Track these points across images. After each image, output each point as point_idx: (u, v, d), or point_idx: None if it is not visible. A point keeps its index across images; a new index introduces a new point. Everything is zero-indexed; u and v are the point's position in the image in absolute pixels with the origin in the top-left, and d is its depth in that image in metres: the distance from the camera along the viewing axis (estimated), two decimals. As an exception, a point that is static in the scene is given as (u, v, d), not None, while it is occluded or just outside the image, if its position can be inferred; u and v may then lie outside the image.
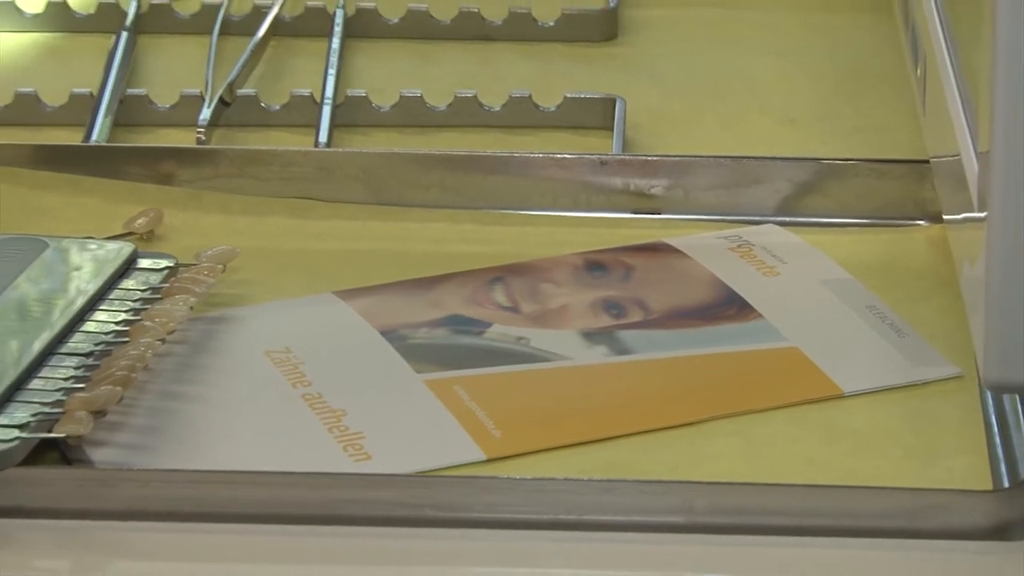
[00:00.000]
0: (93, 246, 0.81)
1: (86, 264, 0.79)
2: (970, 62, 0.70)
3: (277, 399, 0.75)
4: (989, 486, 0.69)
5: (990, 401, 0.75)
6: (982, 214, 0.63)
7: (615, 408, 0.75)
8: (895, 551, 0.66)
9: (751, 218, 0.85)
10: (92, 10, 0.97)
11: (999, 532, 0.65)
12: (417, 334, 0.78)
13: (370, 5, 0.98)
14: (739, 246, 0.83)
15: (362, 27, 0.97)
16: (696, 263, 0.82)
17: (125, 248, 0.81)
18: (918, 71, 0.83)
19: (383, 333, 0.78)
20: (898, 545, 0.66)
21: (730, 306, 0.80)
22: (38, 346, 0.74)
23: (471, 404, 0.74)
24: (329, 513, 0.68)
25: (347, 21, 0.97)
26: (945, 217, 0.80)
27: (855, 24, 1.00)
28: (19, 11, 0.96)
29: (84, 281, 0.78)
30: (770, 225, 0.85)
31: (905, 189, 0.85)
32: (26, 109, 0.90)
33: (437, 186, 0.86)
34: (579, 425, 0.74)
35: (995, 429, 0.73)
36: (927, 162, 0.83)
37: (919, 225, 0.84)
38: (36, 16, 0.97)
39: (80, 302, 0.77)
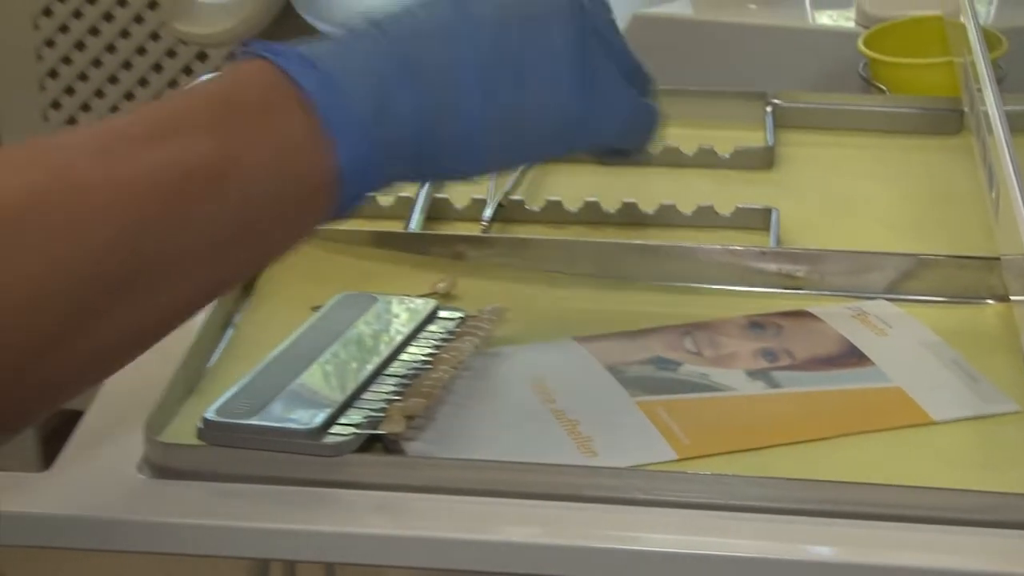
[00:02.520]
0: (408, 301, 0.81)
1: (403, 314, 0.79)
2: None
3: (531, 412, 0.75)
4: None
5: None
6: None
7: (769, 425, 0.74)
8: (981, 537, 0.64)
9: (867, 295, 0.83)
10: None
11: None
12: (631, 369, 0.77)
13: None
14: (858, 314, 0.81)
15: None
16: (828, 325, 0.80)
17: (430, 303, 0.81)
18: (992, 193, 0.82)
19: (607, 368, 0.77)
20: (982, 532, 0.64)
21: (851, 356, 0.78)
22: (369, 369, 0.74)
23: (668, 419, 0.73)
24: (566, 493, 0.68)
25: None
26: (1012, 298, 0.79)
27: (945, 157, 0.98)
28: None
29: (401, 325, 0.78)
30: (881, 300, 0.83)
31: (980, 277, 0.83)
32: (365, 206, 0.90)
33: (647, 266, 0.85)
34: (744, 437, 0.73)
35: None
36: (998, 258, 0.81)
37: (989, 304, 0.82)
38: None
39: (398, 340, 0.77)
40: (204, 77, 1.05)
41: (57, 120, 2.08)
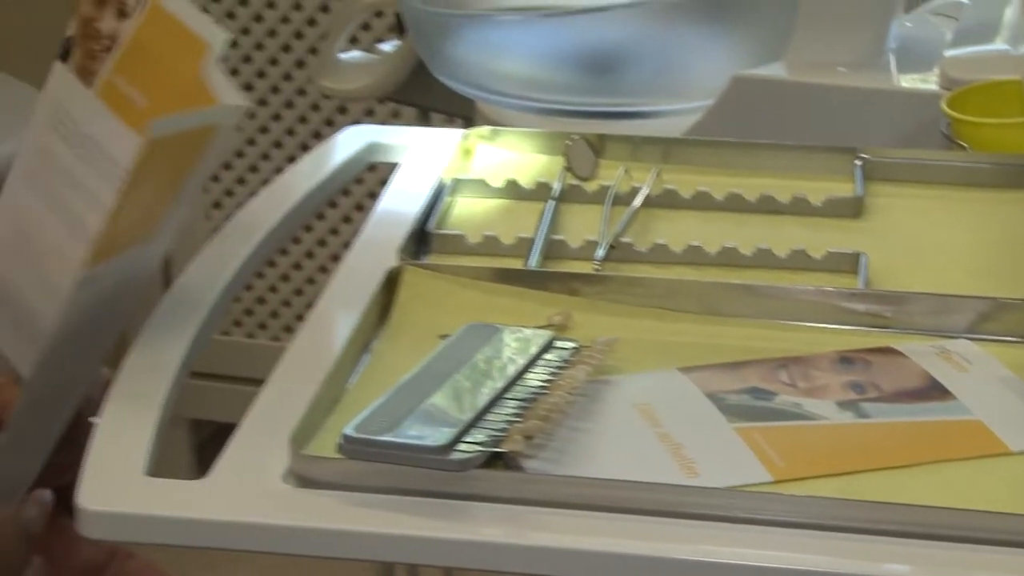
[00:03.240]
0: (527, 332, 0.80)
1: (522, 343, 0.79)
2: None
3: (639, 434, 0.74)
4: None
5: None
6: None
7: (858, 452, 0.72)
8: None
9: (949, 334, 0.82)
10: (533, 186, 0.96)
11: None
12: (730, 397, 0.76)
13: (709, 188, 0.96)
14: (941, 352, 0.80)
15: (702, 202, 0.96)
16: (912, 361, 0.79)
17: (547, 334, 0.80)
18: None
19: (708, 396, 0.76)
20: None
21: (934, 390, 0.77)
22: (492, 392, 0.74)
23: (764, 444, 0.72)
24: (670, 510, 0.67)
25: (692, 198, 0.96)
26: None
27: (1022, 208, 0.96)
28: (487, 185, 0.96)
29: (521, 354, 0.78)
30: (962, 340, 0.81)
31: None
32: (491, 246, 0.91)
33: (745, 304, 0.84)
34: (834, 462, 0.71)
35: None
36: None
37: (1063, 344, 0.81)
38: (498, 188, 0.97)
39: (518, 367, 0.77)
40: (346, 129, 1.06)
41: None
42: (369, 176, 1.76)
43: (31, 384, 0.81)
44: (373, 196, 2.05)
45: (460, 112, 1.32)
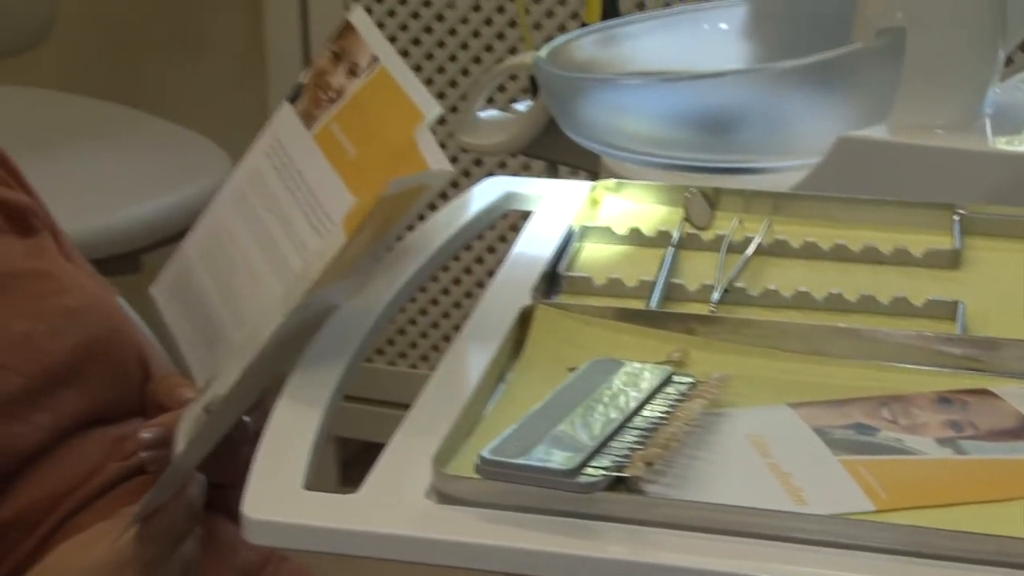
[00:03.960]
0: (648, 367, 0.79)
1: (643, 377, 0.78)
2: None
3: (750, 464, 0.73)
4: None
5: None
6: None
7: (956, 486, 0.71)
8: None
9: (1041, 378, 0.79)
10: (654, 234, 0.96)
11: None
12: (835, 432, 0.75)
13: (816, 239, 0.94)
14: (1033, 394, 0.78)
15: (810, 251, 0.95)
16: (1007, 403, 0.77)
17: (666, 369, 0.79)
18: None
19: (815, 430, 0.75)
20: None
21: (1028, 430, 0.75)
22: (616, 422, 0.73)
23: (867, 476, 0.71)
24: (779, 535, 0.66)
25: (801, 247, 0.94)
26: None
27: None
28: (613, 232, 0.96)
29: (642, 387, 0.77)
30: (1054, 383, 0.79)
31: None
32: (615, 288, 0.90)
33: (849, 346, 0.83)
34: (934, 494, 0.70)
35: None
36: None
37: None
38: (622, 235, 0.96)
39: (639, 398, 0.76)
40: (486, 180, 1.06)
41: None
42: (499, 221, 1.76)
43: (234, 389, 0.82)
44: (503, 239, 2.08)
45: (586, 165, 1.31)
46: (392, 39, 2.09)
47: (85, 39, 2.22)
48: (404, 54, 2.10)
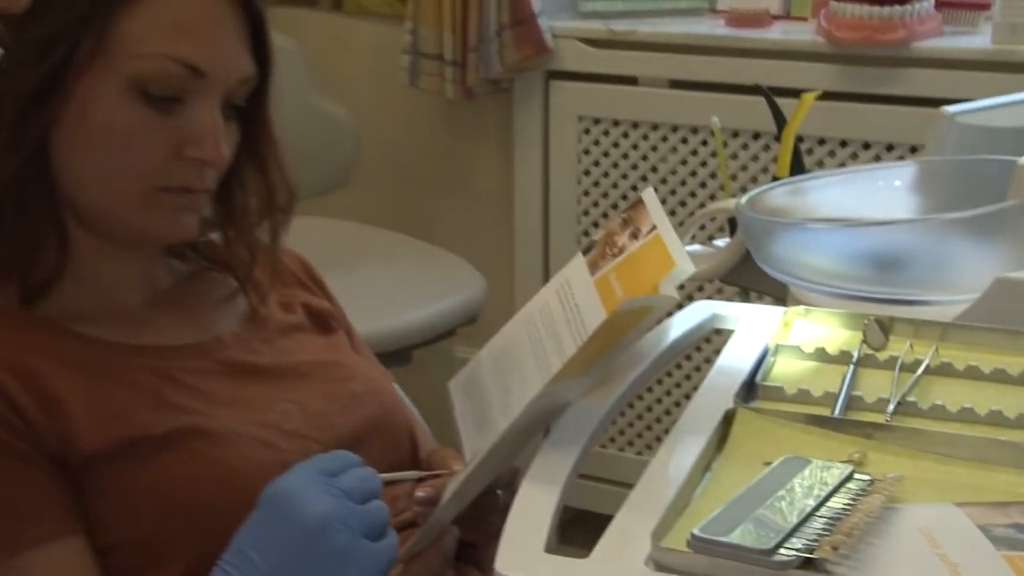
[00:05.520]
0: (832, 465, 0.76)
1: (828, 473, 0.75)
2: None
3: (922, 554, 0.69)
4: None
5: None
6: None
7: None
8: None
9: None
10: (837, 353, 0.93)
11: None
12: (997, 530, 0.70)
13: (978, 363, 0.90)
14: None
15: (973, 373, 0.90)
16: None
17: (848, 468, 0.76)
18: None
19: (979, 527, 0.71)
20: None
21: None
22: (806, 510, 0.71)
23: (1026, 570, 0.66)
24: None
25: (964, 369, 0.90)
26: None
27: None
28: (801, 350, 0.93)
29: (828, 482, 0.74)
30: None
31: None
32: (804, 396, 0.88)
33: (1010, 455, 0.78)
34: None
35: None
36: None
37: None
38: (810, 353, 0.93)
39: (825, 491, 0.73)
40: (695, 303, 1.04)
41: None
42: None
43: (484, 461, 0.82)
44: (697, 348, 2.04)
45: (774, 292, 1.28)
46: (613, 185, 2.09)
47: (376, 182, 2.29)
48: (623, 198, 2.10)
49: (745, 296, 1.53)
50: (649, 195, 0.88)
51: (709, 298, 1.87)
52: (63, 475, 0.84)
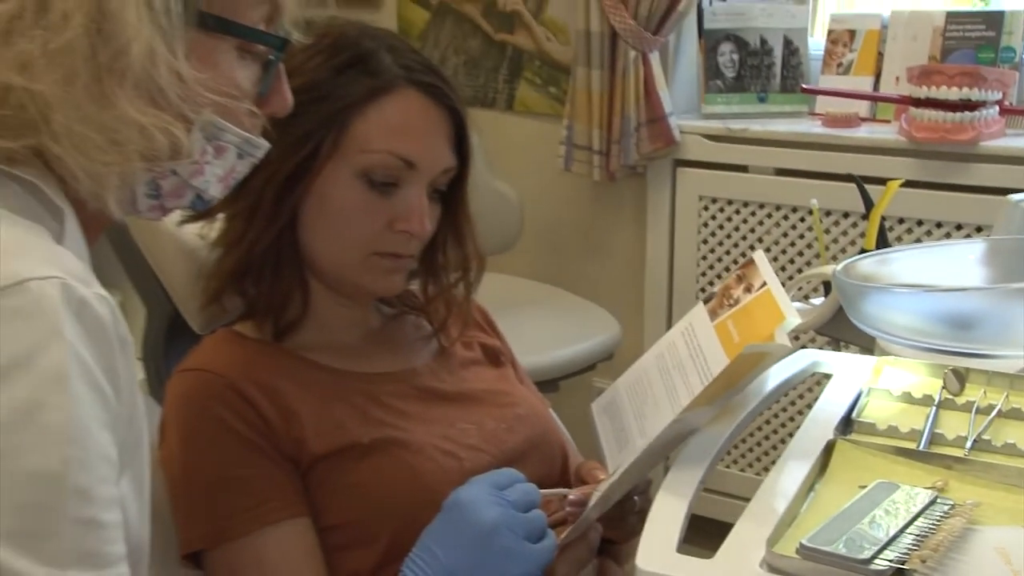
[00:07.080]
0: (918, 491, 0.73)
1: (916, 498, 0.71)
2: None
3: (998, 570, 0.65)
4: None
5: None
6: None
7: None
8: None
9: None
10: (921, 397, 0.89)
11: None
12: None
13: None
14: None
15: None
16: None
17: (932, 493, 0.72)
18: None
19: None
20: None
21: None
22: (897, 528, 0.67)
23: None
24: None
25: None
26: None
27: None
28: (891, 394, 0.90)
29: (915, 504, 0.70)
30: None
31: None
32: (892, 432, 0.84)
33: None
34: None
35: None
36: None
37: None
38: (898, 396, 0.90)
39: (912, 512, 0.70)
40: (799, 352, 1.01)
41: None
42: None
43: (626, 472, 0.82)
44: (793, 388, 1.96)
45: (862, 343, 1.23)
46: (727, 252, 2.06)
47: (536, 246, 2.31)
48: (734, 262, 2.06)
49: (836, 346, 1.48)
50: (760, 256, 0.86)
51: (804, 347, 1.81)
52: (296, 470, 0.86)
